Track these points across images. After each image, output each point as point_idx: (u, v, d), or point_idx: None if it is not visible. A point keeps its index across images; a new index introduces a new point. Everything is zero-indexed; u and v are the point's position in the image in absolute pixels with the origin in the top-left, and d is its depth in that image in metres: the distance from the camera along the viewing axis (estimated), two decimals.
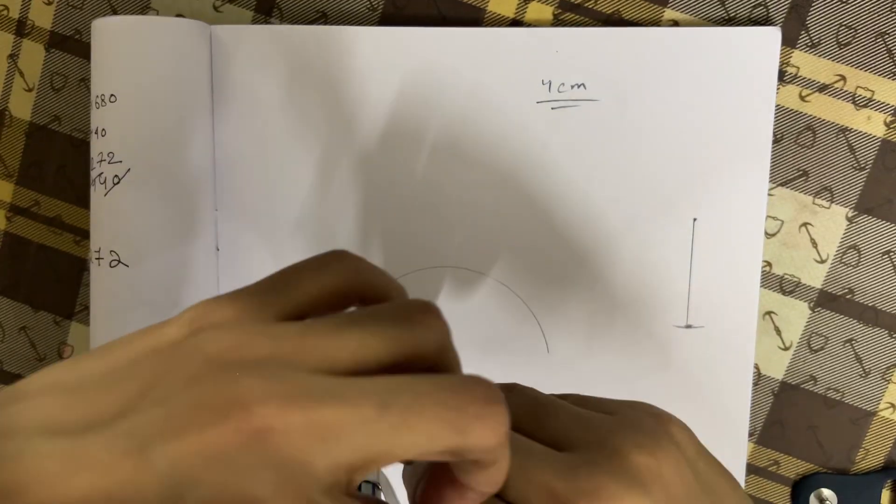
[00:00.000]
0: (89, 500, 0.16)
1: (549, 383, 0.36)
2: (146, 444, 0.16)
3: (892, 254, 0.36)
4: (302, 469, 0.17)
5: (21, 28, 0.39)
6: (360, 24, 0.37)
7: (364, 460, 0.17)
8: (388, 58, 0.36)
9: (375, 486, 0.31)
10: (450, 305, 0.36)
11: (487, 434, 0.18)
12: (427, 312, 0.20)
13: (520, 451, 0.22)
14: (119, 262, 0.34)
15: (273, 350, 0.18)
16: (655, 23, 0.36)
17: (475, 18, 0.37)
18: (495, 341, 0.37)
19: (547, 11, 0.36)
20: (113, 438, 0.16)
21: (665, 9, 0.36)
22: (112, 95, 0.34)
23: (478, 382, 0.19)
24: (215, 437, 0.16)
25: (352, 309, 0.21)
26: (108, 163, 0.35)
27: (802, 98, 0.36)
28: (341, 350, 0.18)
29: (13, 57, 0.39)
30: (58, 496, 0.15)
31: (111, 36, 0.35)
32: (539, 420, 0.23)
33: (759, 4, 0.35)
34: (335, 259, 0.21)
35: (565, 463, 0.22)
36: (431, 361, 0.20)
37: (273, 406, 0.16)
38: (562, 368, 0.36)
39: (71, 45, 0.39)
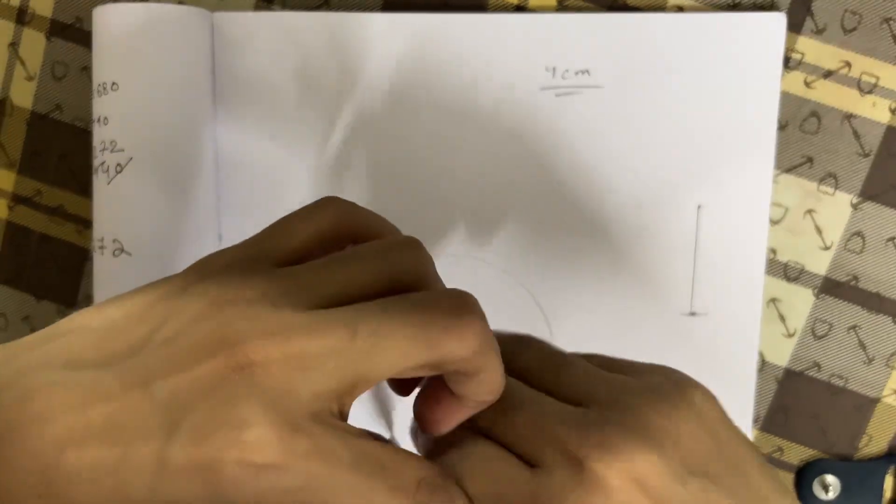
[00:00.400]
0: (104, 427, 0.18)
1: None
2: (150, 379, 0.19)
3: None
4: (285, 397, 0.18)
5: (21, 16, 0.39)
6: (362, 11, 0.37)
7: (345, 384, 0.19)
8: (391, 44, 0.36)
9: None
10: None
11: (457, 345, 0.20)
12: (407, 245, 0.22)
13: (532, 404, 0.22)
14: (122, 250, 0.34)
15: (265, 290, 0.20)
16: (660, 8, 0.36)
17: (479, 4, 0.36)
18: (498, 328, 0.36)
19: None
20: (123, 373, 0.19)
21: None
22: (114, 84, 0.34)
23: (447, 295, 0.21)
24: (206, 371, 0.18)
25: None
26: (111, 151, 0.34)
27: (807, 84, 0.36)
28: (329, 284, 0.20)
29: (14, 45, 0.39)
30: (80, 423, 0.18)
31: (112, 23, 0.34)
32: (554, 374, 0.24)
33: None
34: (325, 204, 0.24)
35: (577, 416, 0.22)
36: (414, 287, 0.21)
37: (254, 342, 0.18)
38: None
39: (72, 33, 0.39)
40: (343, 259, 0.21)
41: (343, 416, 0.20)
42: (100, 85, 0.35)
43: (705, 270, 0.36)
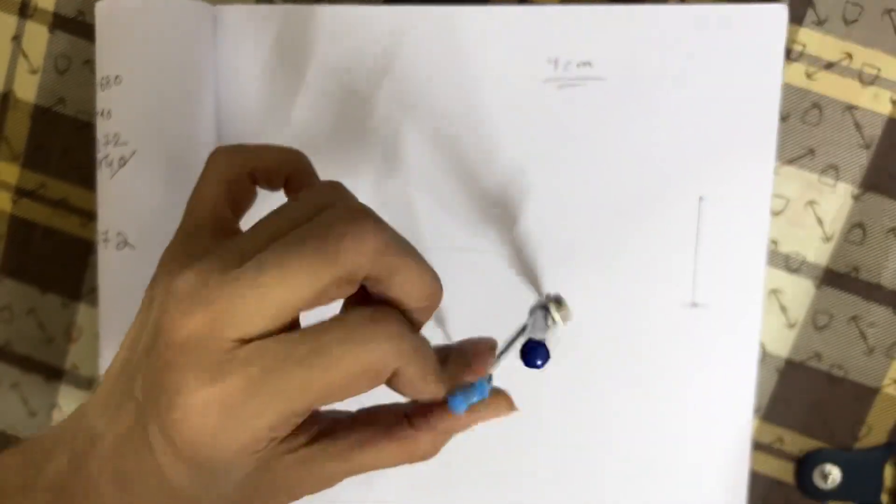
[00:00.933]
0: (126, 439, 0.22)
1: (554, 358, 0.36)
2: (133, 387, 0.23)
3: None
4: (213, 349, 0.20)
5: (24, 10, 0.39)
6: (364, 4, 0.37)
7: (269, 318, 0.20)
8: (393, 37, 0.36)
9: None
10: (454, 286, 0.37)
11: (355, 249, 0.20)
12: (326, 187, 0.23)
13: None
14: (126, 243, 0.34)
15: (196, 272, 0.21)
16: (662, 0, 0.36)
17: None
18: (500, 321, 0.37)
19: None
20: (127, 390, 0.23)
21: None
22: (117, 77, 0.34)
23: (342, 209, 0.21)
24: (153, 363, 0.21)
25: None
26: (114, 145, 0.35)
27: (809, 76, 0.36)
28: (256, 245, 0.22)
29: (17, 39, 0.39)
30: (116, 442, 0.23)
31: (115, 17, 0.34)
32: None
33: None
34: (212, 159, 0.26)
35: None
36: None
37: (181, 321, 0.21)
38: (567, 347, 0.36)
39: (75, 26, 0.39)
40: (268, 218, 0.23)
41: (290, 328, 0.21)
42: (103, 78, 0.35)
43: (707, 261, 0.36)
